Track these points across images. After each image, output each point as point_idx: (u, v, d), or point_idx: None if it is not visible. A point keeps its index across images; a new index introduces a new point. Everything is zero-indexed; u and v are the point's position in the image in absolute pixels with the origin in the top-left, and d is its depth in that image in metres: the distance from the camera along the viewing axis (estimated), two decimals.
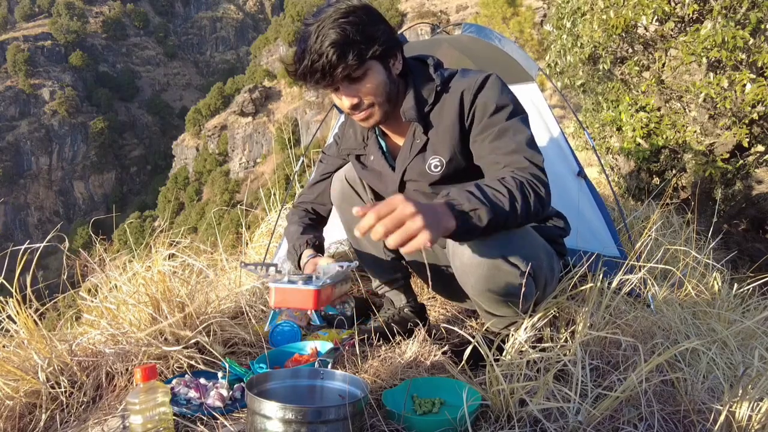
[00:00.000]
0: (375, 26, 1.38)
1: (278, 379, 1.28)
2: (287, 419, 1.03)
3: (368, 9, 1.40)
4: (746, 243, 4.97)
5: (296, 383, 1.28)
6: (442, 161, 1.50)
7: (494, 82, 1.46)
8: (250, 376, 1.38)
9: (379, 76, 1.42)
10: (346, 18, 1.34)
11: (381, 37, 1.38)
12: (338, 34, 1.32)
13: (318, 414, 1.06)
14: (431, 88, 1.49)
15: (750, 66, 4.05)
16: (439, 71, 1.51)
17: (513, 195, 1.21)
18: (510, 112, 1.42)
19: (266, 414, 1.04)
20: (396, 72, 1.47)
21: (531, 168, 1.33)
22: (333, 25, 1.32)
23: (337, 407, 1.07)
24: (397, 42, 1.46)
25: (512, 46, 2.70)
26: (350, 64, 1.34)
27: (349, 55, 1.33)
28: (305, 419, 1.03)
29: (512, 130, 1.40)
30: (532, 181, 1.28)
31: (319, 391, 1.28)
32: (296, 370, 1.34)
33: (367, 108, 1.45)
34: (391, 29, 1.46)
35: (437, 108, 1.49)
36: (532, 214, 1.26)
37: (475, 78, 1.46)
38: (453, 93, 1.47)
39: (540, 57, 17.22)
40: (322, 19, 1.34)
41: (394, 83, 1.47)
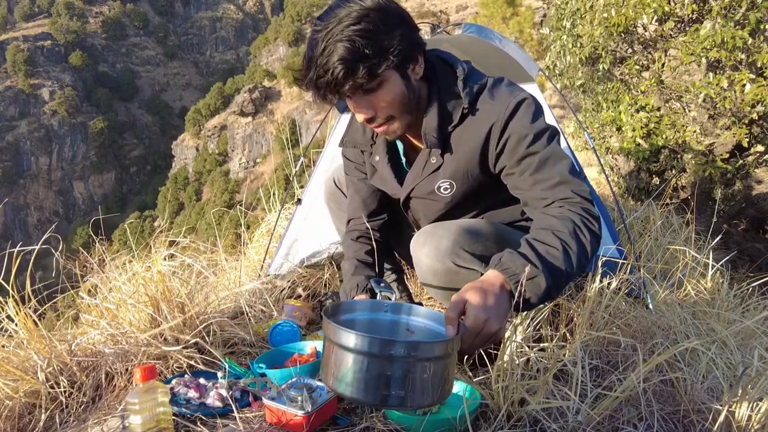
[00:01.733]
0: (391, 33, 1.21)
1: (358, 310, 1.26)
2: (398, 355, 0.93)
3: (384, 11, 1.22)
4: (746, 243, 4.97)
5: (376, 317, 1.26)
6: (453, 185, 1.44)
7: (527, 109, 1.33)
8: (255, 369, 1.38)
9: (395, 87, 1.28)
10: (357, 25, 1.18)
11: (398, 45, 1.22)
12: (346, 48, 1.17)
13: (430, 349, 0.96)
14: (458, 107, 1.37)
15: (749, 66, 4.05)
16: (468, 88, 1.37)
17: (567, 247, 1.14)
18: (547, 138, 1.31)
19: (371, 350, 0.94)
20: (417, 77, 1.34)
21: (582, 202, 1.23)
22: (341, 36, 1.17)
23: (445, 342, 0.98)
24: (418, 45, 1.31)
25: (512, 47, 2.70)
26: (359, 81, 1.21)
27: (358, 71, 1.19)
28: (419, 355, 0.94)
29: (552, 158, 1.30)
30: (585, 218, 1.20)
31: (404, 327, 1.25)
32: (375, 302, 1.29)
33: (384, 122, 1.34)
34: (411, 30, 1.29)
35: (459, 130, 1.38)
36: (589, 257, 1.18)
37: (506, 104, 1.33)
38: (480, 120, 1.35)
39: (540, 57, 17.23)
40: (331, 26, 1.19)
41: (413, 92, 1.34)
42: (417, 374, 0.95)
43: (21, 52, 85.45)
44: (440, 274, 1.35)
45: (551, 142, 1.33)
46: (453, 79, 1.40)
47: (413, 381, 0.95)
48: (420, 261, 1.37)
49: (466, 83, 1.38)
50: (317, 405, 1.18)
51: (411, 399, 0.96)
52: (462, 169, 1.42)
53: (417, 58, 1.32)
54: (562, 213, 1.21)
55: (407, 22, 1.29)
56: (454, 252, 1.32)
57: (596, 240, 1.21)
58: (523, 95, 1.37)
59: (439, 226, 1.38)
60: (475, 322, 1.03)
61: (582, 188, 1.27)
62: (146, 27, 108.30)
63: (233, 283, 2.30)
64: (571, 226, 1.17)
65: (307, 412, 1.16)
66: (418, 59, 1.32)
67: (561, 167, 1.29)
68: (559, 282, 1.13)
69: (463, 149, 1.39)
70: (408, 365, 0.95)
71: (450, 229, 1.35)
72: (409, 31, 1.28)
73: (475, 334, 1.03)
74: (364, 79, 1.21)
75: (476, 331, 1.03)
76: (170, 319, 1.61)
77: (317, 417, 1.19)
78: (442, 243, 1.33)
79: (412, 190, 1.52)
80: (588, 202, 1.25)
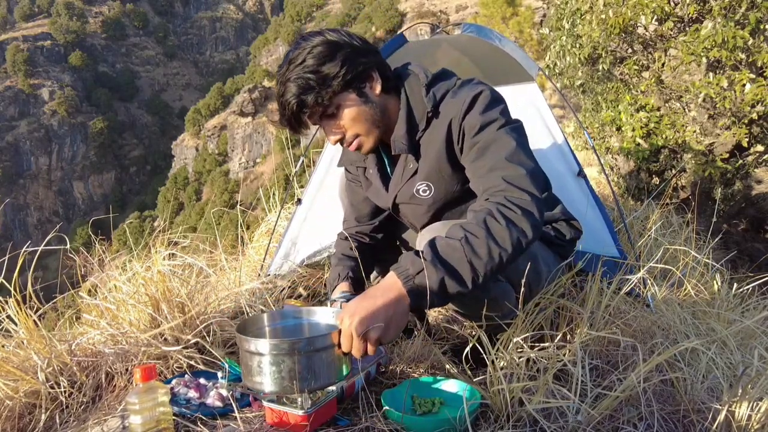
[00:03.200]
0: (333, 61, 1.33)
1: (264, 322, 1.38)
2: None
3: (327, 44, 1.35)
4: (746, 243, 4.97)
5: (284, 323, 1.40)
6: (430, 186, 1.48)
7: (482, 101, 1.37)
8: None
9: (354, 107, 1.38)
10: (302, 63, 1.33)
11: (343, 71, 1.33)
12: (296, 85, 1.33)
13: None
14: (423, 113, 1.44)
15: (749, 66, 4.05)
16: (431, 93, 1.44)
17: (471, 236, 1.13)
18: (497, 127, 1.34)
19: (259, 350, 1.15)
20: (375, 93, 1.41)
21: (507, 189, 1.22)
22: (290, 76, 1.34)
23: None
24: (370, 63, 1.39)
25: (512, 46, 2.70)
26: (315, 110, 1.36)
27: (308, 102, 1.34)
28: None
29: (494, 145, 1.32)
30: (501, 205, 1.17)
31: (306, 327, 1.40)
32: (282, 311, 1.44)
33: (353, 140, 1.44)
34: (360, 54, 1.38)
35: (427, 134, 1.45)
36: (508, 243, 1.14)
37: (464, 99, 1.38)
38: (442, 118, 1.42)
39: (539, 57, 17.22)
40: (284, 70, 1.36)
41: (376, 106, 1.41)
42: (315, 361, 1.15)
43: (21, 52, 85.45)
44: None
45: (501, 129, 1.34)
46: (419, 87, 1.47)
47: (314, 367, 1.15)
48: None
49: (428, 89, 1.45)
50: (317, 405, 1.19)
51: (314, 383, 1.15)
52: (434, 170, 1.45)
53: (371, 76, 1.41)
54: (481, 206, 1.22)
55: (355, 48, 1.38)
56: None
57: (517, 224, 1.16)
58: (480, 88, 1.40)
59: (447, 222, 1.36)
60: (342, 325, 1.13)
61: (514, 172, 1.24)
62: (146, 27, 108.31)
63: (233, 283, 2.30)
64: (481, 216, 1.16)
65: (306, 412, 1.16)
66: (372, 77, 1.41)
67: (500, 153, 1.29)
68: (459, 273, 1.11)
69: (431, 150, 1.44)
70: (307, 357, 1.14)
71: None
72: (355, 55, 1.37)
73: (348, 336, 1.11)
74: (318, 107, 1.35)
75: (347, 334, 1.11)
76: (170, 319, 1.61)
77: (317, 417, 1.19)
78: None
79: (396, 196, 1.55)
80: (515, 187, 1.22)
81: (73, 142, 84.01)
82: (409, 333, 1.74)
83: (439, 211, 1.53)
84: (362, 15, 61.29)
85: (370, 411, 1.27)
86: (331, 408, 1.24)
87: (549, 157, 2.43)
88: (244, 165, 64.81)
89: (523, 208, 1.18)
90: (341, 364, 1.20)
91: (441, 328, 1.89)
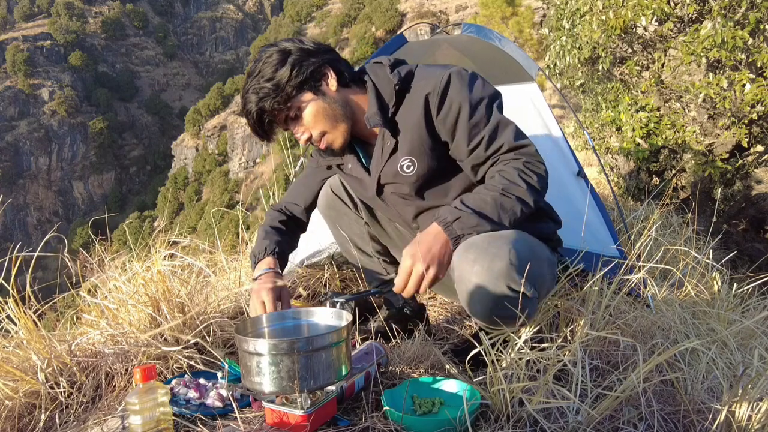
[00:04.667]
0: (284, 66, 1.41)
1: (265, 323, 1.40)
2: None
3: (277, 52, 1.44)
4: (746, 243, 4.98)
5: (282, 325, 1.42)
6: (413, 161, 1.48)
7: (459, 79, 1.43)
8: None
9: (314, 106, 1.45)
10: (257, 75, 1.43)
11: (293, 73, 1.41)
12: (254, 94, 1.43)
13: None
14: (391, 88, 1.48)
15: (749, 66, 4.05)
16: (396, 70, 1.50)
17: (505, 180, 1.33)
18: (486, 106, 1.42)
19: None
20: (332, 89, 1.47)
21: (524, 153, 1.39)
22: (248, 87, 1.44)
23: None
24: (322, 62, 1.46)
25: (512, 46, 2.70)
26: (277, 115, 1.45)
27: (267, 109, 1.43)
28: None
29: (500, 127, 1.42)
30: (528, 163, 1.36)
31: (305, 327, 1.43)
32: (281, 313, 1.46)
33: (320, 137, 1.48)
34: (310, 55, 1.45)
35: (402, 110, 1.48)
36: (537, 191, 1.35)
37: (439, 77, 1.43)
38: (416, 94, 1.45)
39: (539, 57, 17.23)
40: (244, 84, 1.47)
41: (335, 101, 1.47)
42: (314, 361, 1.17)
43: (20, 52, 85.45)
44: (488, 297, 1.27)
45: (491, 108, 1.42)
46: (384, 71, 1.52)
47: (313, 367, 1.16)
48: (466, 279, 1.29)
49: (393, 69, 1.51)
50: (317, 405, 1.19)
51: (314, 383, 1.16)
52: (416, 143, 1.47)
53: (325, 73, 1.47)
54: (505, 167, 1.38)
55: (305, 50, 1.46)
56: (509, 275, 1.25)
57: (541, 181, 1.37)
58: (455, 67, 1.46)
59: (491, 242, 1.29)
60: (404, 264, 1.28)
61: (527, 146, 1.41)
62: (146, 27, 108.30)
63: (233, 283, 2.30)
64: (514, 166, 1.37)
65: (306, 412, 1.16)
66: (326, 74, 1.47)
67: (507, 135, 1.41)
68: (490, 218, 1.30)
69: (409, 124, 1.46)
70: (307, 356, 1.16)
71: (503, 246, 1.27)
72: (306, 57, 1.44)
73: (406, 273, 1.27)
74: (278, 111, 1.44)
75: (406, 271, 1.27)
76: (170, 319, 1.61)
77: (317, 417, 1.19)
78: (496, 263, 1.25)
79: (380, 177, 1.55)
80: (530, 155, 1.39)
81: (72, 142, 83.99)
82: (410, 333, 1.74)
83: (422, 188, 1.53)
84: (362, 15, 61.30)
85: (370, 411, 1.27)
86: (331, 408, 1.24)
87: (549, 157, 2.42)
88: (243, 165, 64.81)
89: (539, 178, 1.36)
90: (340, 364, 1.20)
91: (441, 328, 1.89)
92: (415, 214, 1.59)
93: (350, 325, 1.29)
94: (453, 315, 2.13)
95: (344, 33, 61.29)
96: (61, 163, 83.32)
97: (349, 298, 1.49)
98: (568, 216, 2.26)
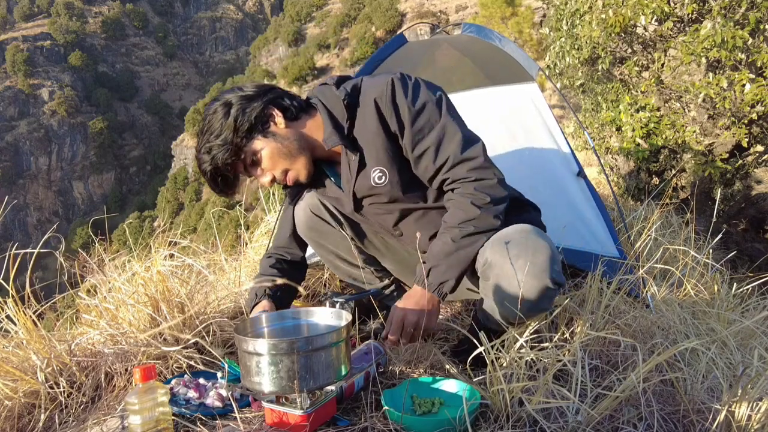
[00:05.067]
0: (228, 119, 1.42)
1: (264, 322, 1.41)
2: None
3: (220, 106, 1.44)
4: (745, 243, 4.97)
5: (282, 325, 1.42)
6: (383, 171, 1.47)
7: (402, 84, 1.43)
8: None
9: (267, 147, 1.45)
10: (206, 133, 1.45)
11: (238, 123, 1.42)
12: (206, 153, 1.44)
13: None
14: (341, 105, 1.47)
15: (749, 66, 4.05)
16: (342, 87, 1.49)
17: (463, 220, 1.38)
18: (430, 111, 1.42)
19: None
20: (281, 126, 1.46)
21: (469, 175, 1.40)
22: (200, 147, 1.46)
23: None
24: (264, 103, 1.45)
25: (512, 46, 2.70)
26: (232, 168, 1.45)
27: (220, 163, 1.43)
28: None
29: (445, 137, 1.41)
30: (477, 182, 1.39)
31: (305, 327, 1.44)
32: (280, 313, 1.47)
33: (284, 176, 1.49)
34: (250, 99, 1.45)
35: (357, 125, 1.47)
36: (494, 206, 1.39)
37: (384, 83, 1.43)
38: (366, 105, 1.45)
39: (539, 57, 17.23)
40: (195, 145, 1.49)
41: (288, 138, 1.47)
42: (314, 361, 1.17)
43: (20, 52, 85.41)
44: (532, 293, 1.28)
45: (436, 113, 1.42)
46: (330, 91, 1.51)
47: (312, 366, 1.17)
48: (508, 275, 1.30)
49: (338, 86, 1.51)
50: (316, 405, 1.19)
51: (313, 383, 1.17)
52: (381, 153, 1.46)
53: (270, 114, 1.46)
54: (458, 200, 1.41)
55: (245, 97, 1.45)
56: (552, 268, 1.28)
57: (495, 201, 1.39)
58: (397, 73, 1.47)
59: (528, 235, 1.33)
60: (396, 317, 1.41)
61: (472, 157, 1.41)
62: (146, 27, 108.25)
63: (233, 283, 2.30)
64: (464, 192, 1.41)
65: (306, 412, 1.16)
66: (272, 115, 1.47)
67: (451, 145, 1.41)
68: (462, 265, 1.39)
69: (369, 137, 1.46)
70: (307, 356, 1.16)
71: (538, 240, 1.31)
72: (247, 104, 1.44)
73: (398, 324, 1.40)
74: (233, 164, 1.45)
75: (398, 323, 1.41)
76: (170, 319, 1.61)
77: (316, 417, 1.19)
78: (539, 257, 1.27)
79: (355, 193, 1.54)
80: (478, 170, 1.40)
81: (72, 142, 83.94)
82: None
83: (399, 194, 1.51)
84: (362, 15, 61.29)
85: (370, 411, 1.27)
86: (330, 408, 1.24)
87: (549, 158, 2.43)
88: None
89: (493, 194, 1.39)
90: (340, 363, 1.20)
91: (440, 328, 1.89)
92: (395, 222, 1.59)
93: (350, 325, 1.29)
94: (453, 314, 2.13)
95: (344, 33, 61.28)
96: (61, 163, 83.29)
97: (349, 298, 1.49)
98: (568, 216, 2.27)
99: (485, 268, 1.37)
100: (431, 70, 2.76)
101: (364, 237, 1.76)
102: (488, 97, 2.62)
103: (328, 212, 1.70)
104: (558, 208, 2.26)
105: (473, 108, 2.63)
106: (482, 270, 1.39)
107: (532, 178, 2.32)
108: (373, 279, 1.85)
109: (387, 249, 1.76)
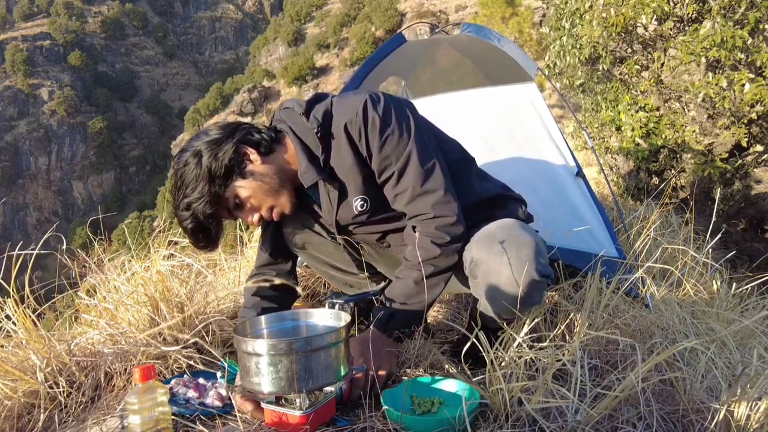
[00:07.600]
0: (200, 168, 1.37)
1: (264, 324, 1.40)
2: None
3: (191, 157, 1.39)
4: (745, 242, 4.97)
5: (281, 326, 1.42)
6: (365, 199, 1.46)
7: (372, 108, 1.38)
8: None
9: (247, 189, 1.41)
10: (181, 187, 1.40)
11: (211, 171, 1.37)
12: (184, 208, 1.39)
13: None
14: (313, 137, 1.43)
15: (749, 66, 4.05)
16: (312, 116, 1.44)
17: (425, 258, 1.38)
18: (397, 136, 1.38)
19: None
20: (257, 164, 1.42)
21: (429, 211, 1.39)
22: (177, 203, 1.41)
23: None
24: (235, 145, 1.40)
25: (511, 46, 2.70)
26: (213, 218, 1.40)
27: (201, 216, 1.38)
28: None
29: (408, 169, 1.39)
30: (436, 219, 1.38)
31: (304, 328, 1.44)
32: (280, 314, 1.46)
33: (269, 213, 1.46)
34: (219, 143, 1.39)
35: (333, 155, 1.43)
36: (453, 243, 1.39)
37: (353, 107, 1.39)
38: (338, 134, 1.41)
39: (539, 57, 17.21)
40: (173, 200, 1.45)
41: (267, 174, 1.43)
42: (313, 362, 1.17)
43: (20, 52, 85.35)
44: (521, 288, 1.29)
45: (402, 140, 1.38)
46: (300, 119, 1.46)
47: (311, 367, 1.16)
48: (495, 272, 1.31)
49: (307, 115, 1.45)
50: (316, 405, 1.19)
51: (312, 383, 1.16)
52: (360, 182, 1.44)
53: (243, 153, 1.42)
54: (418, 241, 1.39)
55: (214, 141, 1.40)
56: (538, 261, 1.28)
57: (450, 245, 1.39)
58: (366, 95, 1.41)
59: (511, 230, 1.33)
60: (360, 378, 1.33)
61: (431, 192, 1.38)
62: (145, 27, 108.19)
63: (232, 283, 2.30)
64: (425, 232, 1.40)
65: (305, 412, 1.16)
66: (245, 153, 1.42)
67: (413, 178, 1.39)
68: (417, 309, 1.41)
69: (346, 166, 1.43)
70: (306, 356, 1.16)
71: (522, 234, 1.31)
72: (217, 149, 1.38)
73: (364, 380, 1.32)
74: (215, 214, 1.40)
75: (364, 380, 1.32)
76: (169, 318, 1.61)
77: (316, 417, 1.19)
78: (523, 251, 1.28)
79: (337, 222, 1.52)
80: (435, 208, 1.38)
81: (72, 142, 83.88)
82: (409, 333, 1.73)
83: (381, 215, 1.51)
84: (362, 15, 61.26)
85: (369, 411, 1.27)
86: (330, 408, 1.24)
87: (547, 158, 2.43)
88: None
89: (452, 233, 1.39)
90: (339, 364, 1.20)
91: (440, 327, 1.89)
92: (379, 237, 1.59)
93: (349, 325, 1.29)
94: (452, 314, 2.13)
95: (344, 33, 61.26)
96: (60, 162, 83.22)
97: (348, 299, 1.49)
98: (567, 216, 2.27)
99: (472, 267, 1.38)
100: (430, 69, 2.76)
101: (359, 246, 1.75)
102: (487, 97, 2.62)
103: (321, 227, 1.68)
104: (557, 208, 2.26)
105: (472, 108, 2.63)
106: (470, 269, 1.40)
107: (531, 178, 2.32)
108: (370, 284, 1.84)
109: (378, 255, 1.76)
